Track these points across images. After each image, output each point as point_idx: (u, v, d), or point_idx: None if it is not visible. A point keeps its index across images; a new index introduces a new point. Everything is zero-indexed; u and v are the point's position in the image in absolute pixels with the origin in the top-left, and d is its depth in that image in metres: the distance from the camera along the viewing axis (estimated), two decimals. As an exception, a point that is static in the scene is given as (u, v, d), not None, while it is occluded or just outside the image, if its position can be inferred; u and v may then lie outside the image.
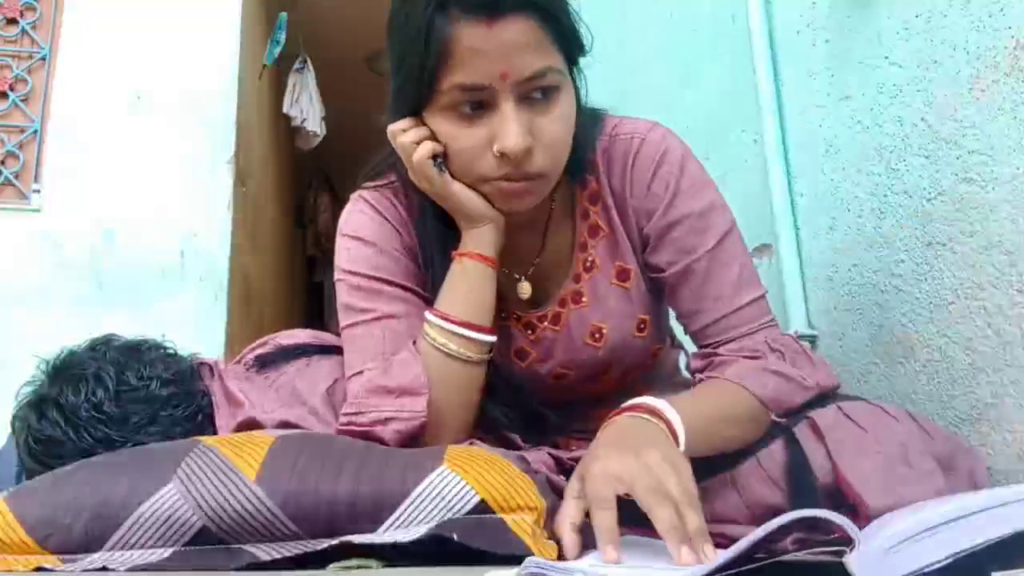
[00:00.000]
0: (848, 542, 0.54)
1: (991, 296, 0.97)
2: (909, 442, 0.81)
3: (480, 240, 0.91)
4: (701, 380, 0.91)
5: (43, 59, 2.44)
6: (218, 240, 2.41)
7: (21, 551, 0.69)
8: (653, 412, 0.79)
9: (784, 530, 0.58)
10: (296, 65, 3.37)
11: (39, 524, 0.70)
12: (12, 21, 2.45)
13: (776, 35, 1.48)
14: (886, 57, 1.16)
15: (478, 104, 0.82)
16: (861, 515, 0.76)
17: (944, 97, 1.04)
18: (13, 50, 2.45)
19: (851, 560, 0.50)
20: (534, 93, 0.82)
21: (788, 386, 0.87)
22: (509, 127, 0.81)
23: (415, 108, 0.86)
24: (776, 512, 0.85)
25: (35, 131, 2.39)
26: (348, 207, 1.00)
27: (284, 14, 3.16)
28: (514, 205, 0.88)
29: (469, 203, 0.89)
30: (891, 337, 1.15)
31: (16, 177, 2.36)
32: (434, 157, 0.87)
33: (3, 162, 2.36)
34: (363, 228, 0.97)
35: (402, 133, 0.88)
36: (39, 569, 0.68)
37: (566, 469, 0.92)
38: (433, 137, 0.87)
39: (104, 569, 0.68)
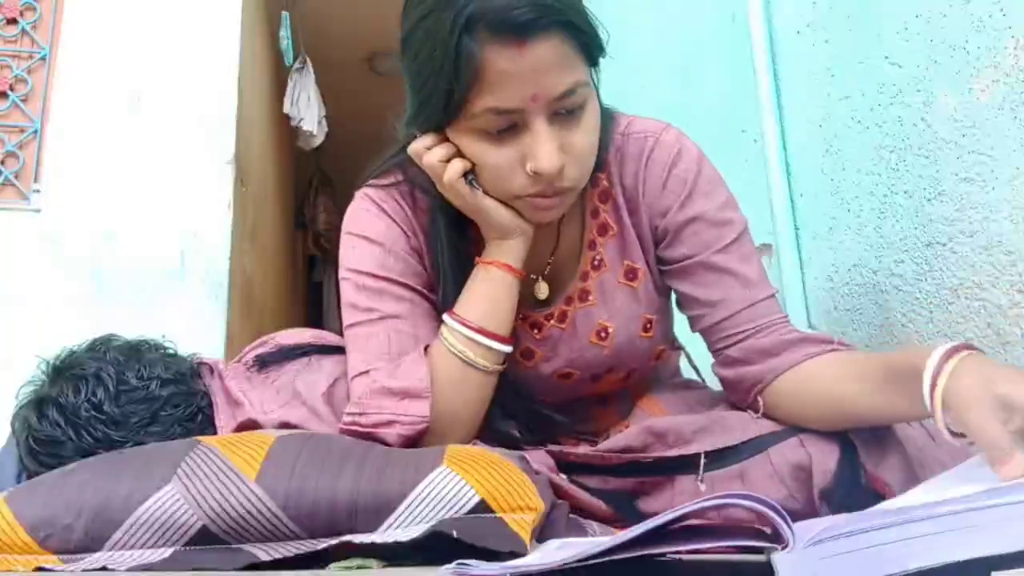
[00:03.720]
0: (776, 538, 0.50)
1: (991, 296, 0.97)
2: (923, 444, 0.82)
3: (509, 251, 0.91)
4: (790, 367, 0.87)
5: (43, 59, 2.44)
6: (218, 240, 2.41)
7: (21, 551, 0.69)
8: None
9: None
10: (296, 65, 3.37)
11: (39, 524, 0.70)
12: (12, 21, 2.45)
13: (776, 35, 1.48)
14: (886, 57, 1.16)
15: (508, 124, 0.81)
16: None
17: (944, 97, 1.04)
18: (13, 50, 2.44)
19: (779, 560, 0.47)
20: (564, 109, 0.81)
21: None
22: (543, 148, 0.80)
23: (438, 125, 0.85)
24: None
25: (35, 131, 2.38)
26: (353, 204, 0.99)
27: (286, 13, 3.16)
28: (545, 217, 0.88)
29: (501, 218, 0.89)
30: (891, 337, 1.15)
31: (16, 177, 2.35)
32: (465, 174, 0.86)
33: (3, 162, 2.36)
34: (369, 226, 0.96)
35: (427, 151, 0.87)
36: (39, 569, 0.68)
37: (567, 468, 0.91)
38: (459, 153, 0.86)
39: (104, 569, 0.68)
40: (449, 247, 0.94)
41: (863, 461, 0.81)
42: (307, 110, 3.35)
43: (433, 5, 0.79)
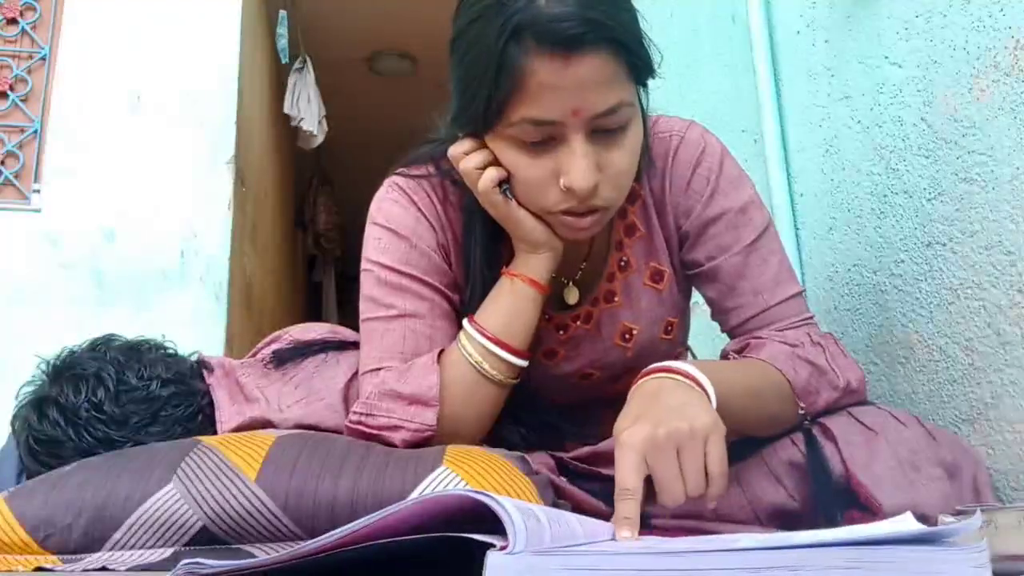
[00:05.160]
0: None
1: (991, 296, 0.97)
2: (918, 447, 0.81)
3: (535, 266, 0.90)
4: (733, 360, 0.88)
5: (43, 59, 2.44)
6: (218, 240, 2.41)
7: (21, 551, 0.69)
8: (685, 376, 0.75)
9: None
10: (296, 65, 3.37)
11: (39, 524, 0.70)
12: (12, 21, 2.45)
13: (776, 35, 1.48)
14: (886, 57, 1.16)
15: (546, 136, 0.80)
16: (876, 515, 0.76)
17: (944, 97, 1.04)
18: (13, 50, 2.44)
19: (494, 560, 0.44)
20: (604, 127, 0.80)
21: (820, 379, 0.85)
22: (577, 164, 0.79)
23: (478, 130, 0.85)
24: (778, 510, 0.85)
25: (35, 131, 2.38)
26: (382, 193, 0.97)
27: (284, 12, 3.16)
28: (576, 235, 0.87)
29: (532, 232, 0.88)
30: (891, 337, 1.15)
31: (16, 177, 2.35)
32: (500, 183, 0.85)
33: (3, 162, 2.36)
34: (396, 219, 0.95)
35: (465, 157, 0.86)
36: (39, 569, 0.68)
37: (568, 470, 0.91)
38: (496, 161, 0.85)
39: (104, 569, 0.68)
40: (482, 247, 0.93)
41: (846, 462, 0.81)
42: (307, 110, 3.34)
43: (484, 10, 0.79)
